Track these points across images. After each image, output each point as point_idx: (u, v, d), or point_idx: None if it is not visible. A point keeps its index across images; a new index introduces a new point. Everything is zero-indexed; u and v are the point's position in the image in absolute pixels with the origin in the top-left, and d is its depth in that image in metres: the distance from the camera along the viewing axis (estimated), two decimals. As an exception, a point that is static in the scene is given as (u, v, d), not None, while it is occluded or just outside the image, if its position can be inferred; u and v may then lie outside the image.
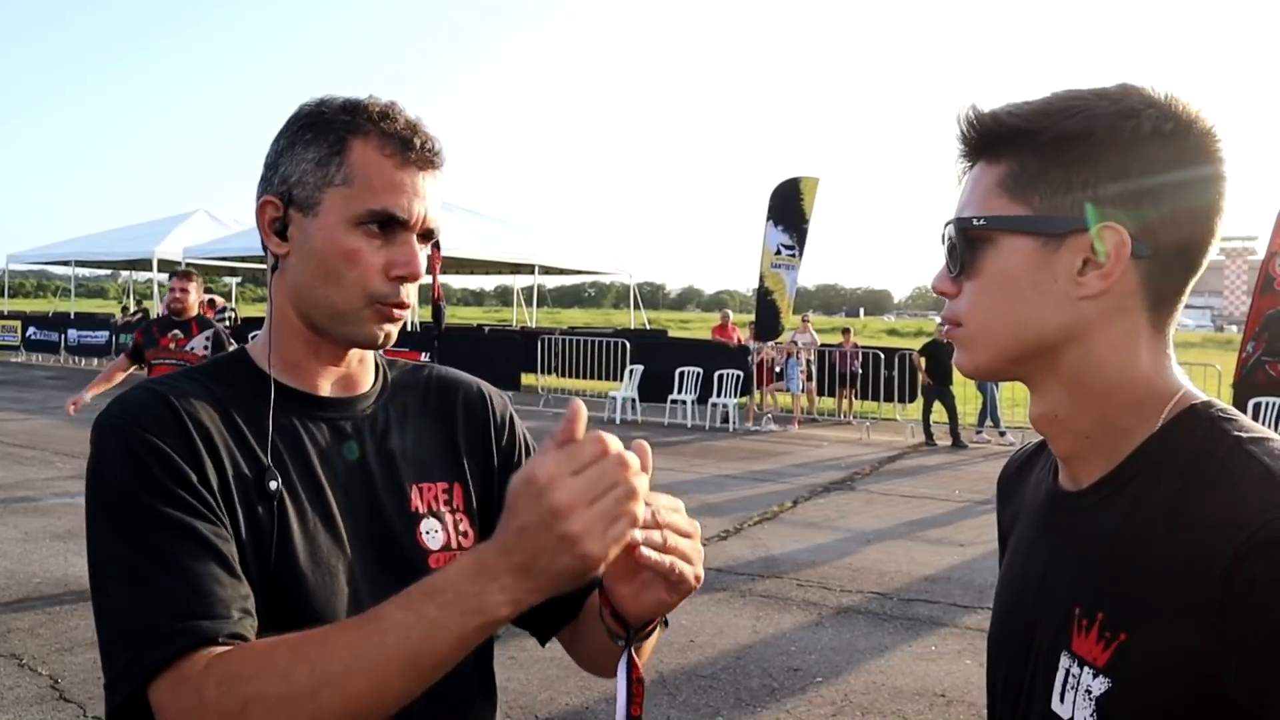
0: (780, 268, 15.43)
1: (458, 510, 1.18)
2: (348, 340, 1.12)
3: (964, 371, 0.94)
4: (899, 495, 9.75)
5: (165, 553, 0.96)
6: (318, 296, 1.09)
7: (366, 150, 1.07)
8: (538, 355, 17.55)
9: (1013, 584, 0.99)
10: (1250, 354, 11.94)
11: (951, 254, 0.91)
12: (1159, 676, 0.77)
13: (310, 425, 1.12)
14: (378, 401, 1.19)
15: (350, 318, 1.09)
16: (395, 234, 1.08)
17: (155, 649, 0.91)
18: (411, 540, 1.13)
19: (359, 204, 1.06)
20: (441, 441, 1.21)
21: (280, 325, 1.14)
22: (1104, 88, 0.86)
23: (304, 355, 1.14)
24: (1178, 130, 0.83)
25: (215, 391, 1.09)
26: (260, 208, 1.12)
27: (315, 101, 1.12)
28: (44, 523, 7.62)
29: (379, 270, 1.08)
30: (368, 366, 1.20)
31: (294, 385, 1.13)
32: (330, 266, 1.07)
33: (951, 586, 6.40)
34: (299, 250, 1.09)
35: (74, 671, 4.62)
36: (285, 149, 1.11)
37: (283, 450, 1.09)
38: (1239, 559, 0.72)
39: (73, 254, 27.35)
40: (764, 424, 14.92)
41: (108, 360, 23.26)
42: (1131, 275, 0.84)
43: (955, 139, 0.92)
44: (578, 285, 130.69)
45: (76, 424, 13.32)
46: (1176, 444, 0.84)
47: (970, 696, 4.59)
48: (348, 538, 1.09)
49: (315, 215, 1.08)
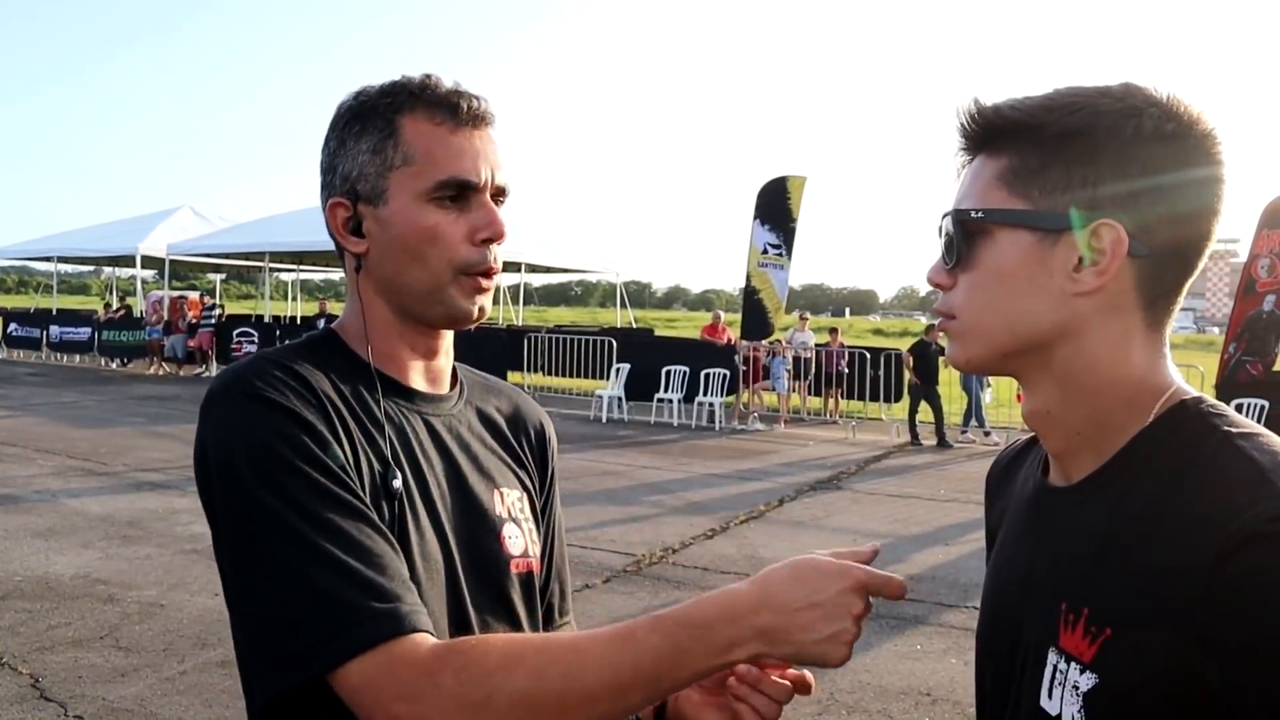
0: (767, 267, 15.45)
1: (527, 519, 1.18)
2: (445, 319, 1.09)
3: (956, 364, 0.94)
4: (884, 494, 9.78)
5: (348, 533, 0.93)
6: (408, 281, 1.07)
7: (417, 124, 1.06)
8: (524, 353, 17.53)
9: (1000, 580, 0.99)
10: (1232, 354, 12.04)
11: (948, 246, 0.91)
12: (1145, 672, 0.77)
13: (411, 418, 1.10)
14: (460, 400, 1.18)
15: (442, 295, 1.07)
16: (469, 200, 1.07)
17: (364, 627, 0.89)
18: (496, 544, 1.12)
19: (426, 178, 1.05)
20: (511, 453, 1.21)
21: (372, 317, 1.11)
22: (1107, 86, 0.86)
23: (398, 346, 1.11)
24: (1179, 131, 0.83)
25: (327, 373, 1.05)
26: (330, 211, 1.10)
27: (352, 95, 1.10)
28: (24, 520, 7.55)
29: (462, 239, 1.06)
30: (449, 363, 1.19)
31: (391, 375, 1.11)
32: (413, 248, 1.06)
33: (937, 585, 6.42)
34: (379, 242, 1.08)
35: (55, 670, 4.56)
36: (337, 149, 1.09)
37: (396, 444, 1.07)
38: (1224, 554, 0.72)
39: (55, 249, 27.10)
40: (750, 423, 14.94)
41: (89, 357, 23.19)
42: (1127, 274, 0.84)
43: (956, 131, 0.91)
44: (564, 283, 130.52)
45: (58, 421, 13.26)
46: (1165, 439, 0.84)
47: (956, 695, 4.60)
48: (451, 540, 1.08)
49: (386, 203, 1.06)
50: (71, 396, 16.47)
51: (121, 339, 22.72)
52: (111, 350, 22.92)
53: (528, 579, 1.15)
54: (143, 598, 5.68)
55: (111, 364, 22.80)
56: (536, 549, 1.18)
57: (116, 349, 22.86)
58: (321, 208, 1.12)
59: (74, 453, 10.66)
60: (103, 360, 23.06)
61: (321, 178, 1.12)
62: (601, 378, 16.32)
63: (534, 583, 1.16)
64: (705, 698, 1.05)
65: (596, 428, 14.35)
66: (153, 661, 4.61)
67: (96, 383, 18.94)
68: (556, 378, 17.49)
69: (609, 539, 7.41)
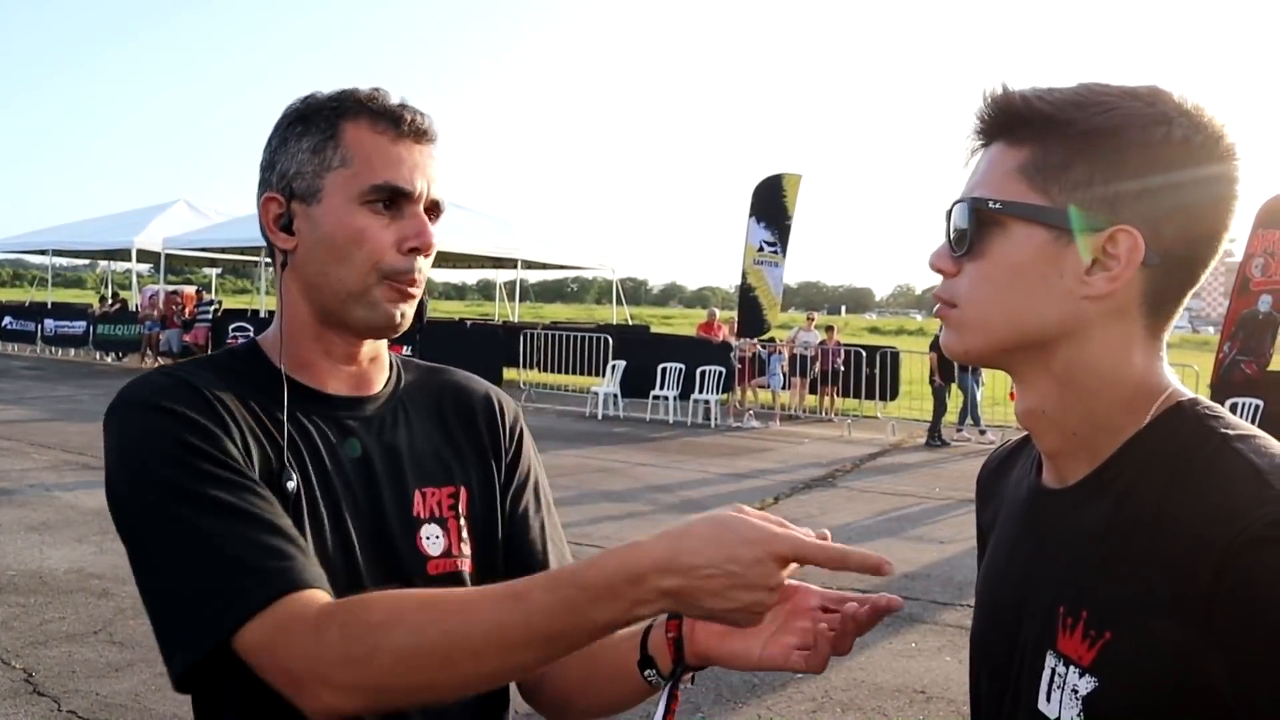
0: (763, 264, 15.45)
1: (461, 516, 1.16)
2: (364, 324, 1.10)
3: (953, 354, 0.92)
4: (879, 493, 9.79)
5: (233, 505, 0.96)
6: (330, 281, 1.08)
7: (359, 130, 1.08)
8: (520, 350, 17.52)
9: (994, 582, 0.98)
10: (1227, 354, 12.07)
11: (958, 232, 0.88)
12: (1146, 675, 0.77)
13: (319, 423, 1.11)
14: (388, 402, 1.18)
15: (363, 298, 1.08)
16: (402, 208, 1.08)
17: (252, 592, 0.91)
18: (411, 546, 1.12)
19: (361, 181, 1.06)
20: (450, 445, 1.19)
21: (292, 322, 1.12)
22: (1134, 88, 0.84)
23: (316, 354, 1.13)
24: (1206, 144, 0.82)
25: (230, 382, 1.08)
26: (263, 206, 1.11)
27: (300, 99, 1.12)
28: (19, 514, 7.53)
29: (390, 245, 1.07)
30: (380, 366, 1.19)
31: (305, 382, 1.12)
32: (340, 248, 1.07)
33: (931, 583, 6.43)
34: (306, 240, 1.09)
35: (48, 665, 4.55)
36: (278, 146, 1.11)
37: (301, 447, 1.08)
38: (1229, 556, 0.72)
39: (50, 243, 27.01)
40: (746, 420, 14.95)
41: (84, 351, 23.14)
42: (1136, 281, 0.83)
43: (975, 115, 0.89)
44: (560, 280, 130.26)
45: (53, 415, 13.24)
46: (1163, 441, 0.83)
47: (950, 693, 4.61)
48: (355, 543, 1.08)
49: (319, 202, 1.08)
50: (66, 390, 16.44)
51: (116, 333, 22.67)
52: (106, 344, 22.88)
53: (453, 579, 1.13)
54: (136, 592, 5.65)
55: (106, 358, 22.76)
56: (468, 547, 1.15)
57: (111, 343, 22.81)
58: (256, 202, 1.13)
59: (68, 447, 10.63)
60: (98, 354, 23.03)
61: (260, 174, 1.13)
62: (597, 374, 16.31)
63: (463, 582, 1.13)
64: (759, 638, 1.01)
65: (592, 425, 14.34)
66: (146, 656, 4.61)
67: (91, 377, 18.89)
68: (552, 374, 17.48)
69: (604, 535, 7.41)
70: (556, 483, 1.26)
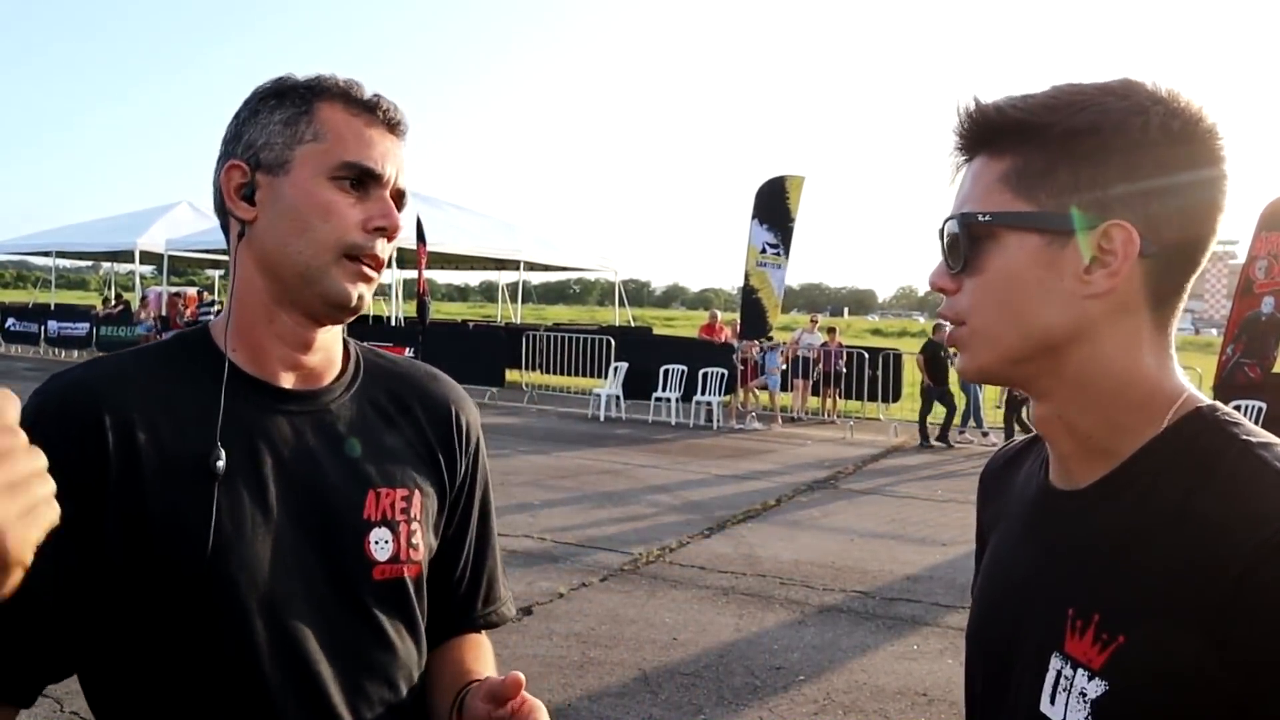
0: (766, 266, 15.45)
1: (414, 520, 1.12)
2: (320, 300, 1.07)
3: (967, 374, 0.91)
4: (882, 495, 9.78)
5: None
6: (290, 253, 1.06)
7: (334, 110, 1.08)
8: (522, 351, 17.51)
9: (996, 582, 0.98)
10: (1230, 356, 12.05)
11: (953, 250, 0.89)
12: (1159, 680, 0.76)
13: (265, 418, 1.07)
14: (343, 396, 1.14)
15: (322, 274, 1.06)
16: (369, 189, 1.08)
17: None
18: (358, 550, 1.08)
19: (332, 157, 1.06)
20: (407, 446, 1.16)
21: (244, 299, 1.09)
22: (1107, 83, 0.84)
23: (266, 337, 1.09)
24: (1185, 128, 0.82)
25: (159, 372, 1.06)
26: (225, 174, 1.09)
27: (272, 79, 1.12)
28: (22, 516, 7.53)
29: (355, 223, 1.06)
30: (333, 356, 1.15)
31: (253, 373, 1.09)
32: (303, 220, 1.05)
33: (934, 586, 6.42)
34: (269, 211, 1.07)
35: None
36: (248, 118, 1.10)
37: (238, 439, 1.04)
38: (1254, 563, 0.72)
39: (53, 245, 27.05)
40: (748, 422, 14.94)
41: (87, 352, 23.14)
42: (1136, 274, 0.83)
43: (953, 131, 0.89)
44: (563, 282, 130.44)
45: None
46: (1183, 446, 0.83)
47: (952, 696, 4.60)
48: (291, 542, 1.04)
49: (286, 174, 1.07)
50: (69, 392, 16.44)
51: (119, 335, 22.71)
52: (109, 346, 22.87)
53: (396, 585, 1.10)
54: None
55: (109, 359, 22.77)
56: (419, 553, 1.12)
57: (114, 344, 22.80)
58: (214, 175, 1.11)
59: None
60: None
61: (222, 147, 1.12)
62: (599, 376, 16.30)
63: (405, 589, 1.11)
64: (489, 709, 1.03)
65: (594, 426, 14.34)
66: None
67: (94, 378, 18.86)
68: (554, 376, 17.47)
69: (606, 537, 7.41)
70: (558, 484, 1.25)
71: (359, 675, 1.07)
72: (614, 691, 4.49)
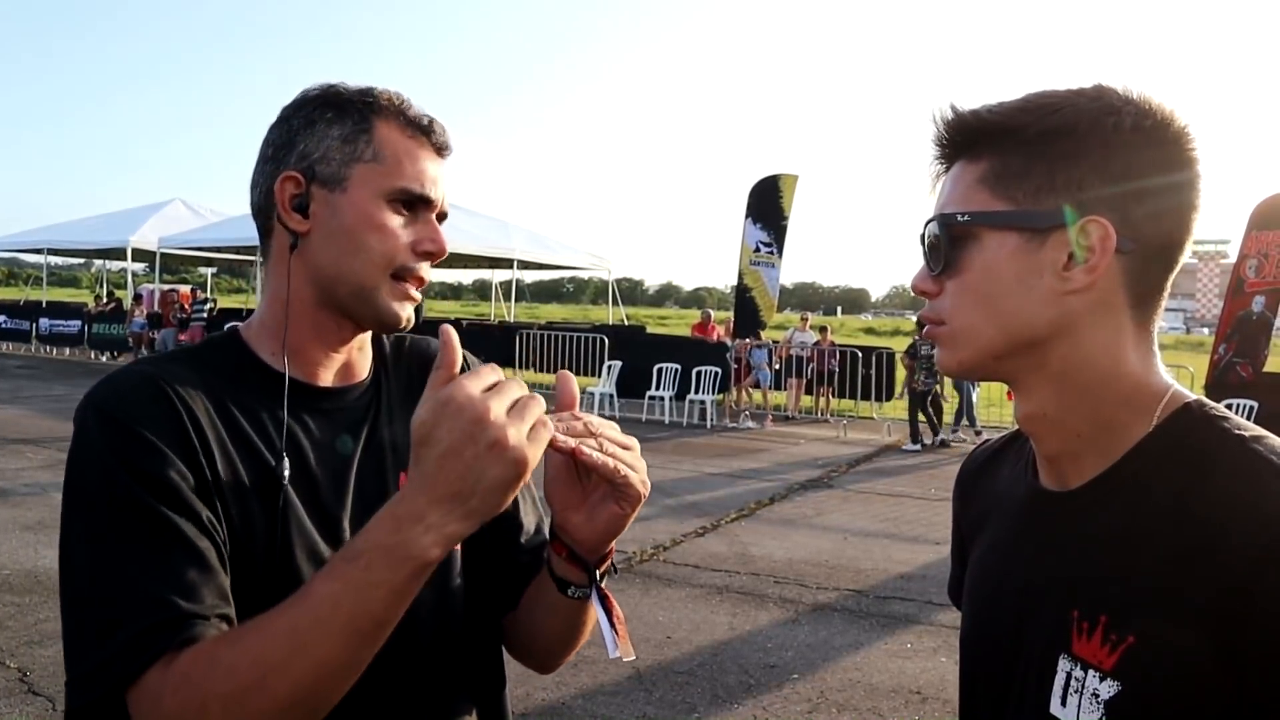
0: (759, 265, 15.47)
1: None
2: (373, 320, 1.11)
3: (947, 370, 0.93)
4: (875, 493, 9.80)
5: (139, 548, 0.94)
6: (343, 271, 1.08)
7: (391, 131, 1.10)
8: (515, 350, 17.51)
9: (991, 586, 0.97)
10: (1222, 355, 12.10)
11: (933, 251, 0.90)
12: (1171, 678, 0.77)
13: (306, 418, 1.11)
14: (370, 390, 1.18)
15: (374, 293, 1.08)
16: (419, 212, 1.11)
17: (124, 660, 0.89)
18: None
19: (390, 181, 1.08)
20: None
21: (292, 306, 1.10)
22: (1080, 87, 0.87)
23: (309, 340, 1.12)
24: (1157, 127, 0.84)
25: (210, 380, 1.06)
26: (280, 184, 1.09)
27: (324, 85, 1.13)
28: (13, 514, 7.51)
29: (406, 246, 1.09)
30: (366, 353, 1.19)
31: (296, 375, 1.11)
32: (358, 239, 1.07)
33: (927, 584, 6.43)
34: (323, 227, 1.08)
35: (43, 664, 4.56)
36: (301, 127, 1.10)
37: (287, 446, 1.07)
38: (1263, 561, 0.72)
39: (45, 242, 26.91)
40: (742, 421, 14.95)
41: (79, 350, 23.09)
42: (1115, 271, 0.84)
43: (931, 139, 0.91)
44: (556, 280, 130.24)
45: (48, 414, 13.20)
46: (1177, 441, 0.83)
47: (946, 694, 4.62)
48: (348, 533, 1.08)
49: (343, 191, 1.08)
50: (61, 389, 16.39)
51: (111, 332, 22.65)
52: (101, 343, 22.84)
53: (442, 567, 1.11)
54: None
55: (101, 357, 22.71)
56: None
57: (106, 342, 22.78)
58: (255, 183, 1.12)
59: (64, 446, 10.55)
60: (93, 353, 22.98)
61: (268, 151, 1.11)
62: (593, 375, 16.30)
63: (452, 560, 1.15)
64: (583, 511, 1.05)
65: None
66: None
67: (86, 376, 18.82)
68: (548, 374, 17.45)
69: (600, 536, 7.41)
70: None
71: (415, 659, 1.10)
72: (608, 690, 4.49)
